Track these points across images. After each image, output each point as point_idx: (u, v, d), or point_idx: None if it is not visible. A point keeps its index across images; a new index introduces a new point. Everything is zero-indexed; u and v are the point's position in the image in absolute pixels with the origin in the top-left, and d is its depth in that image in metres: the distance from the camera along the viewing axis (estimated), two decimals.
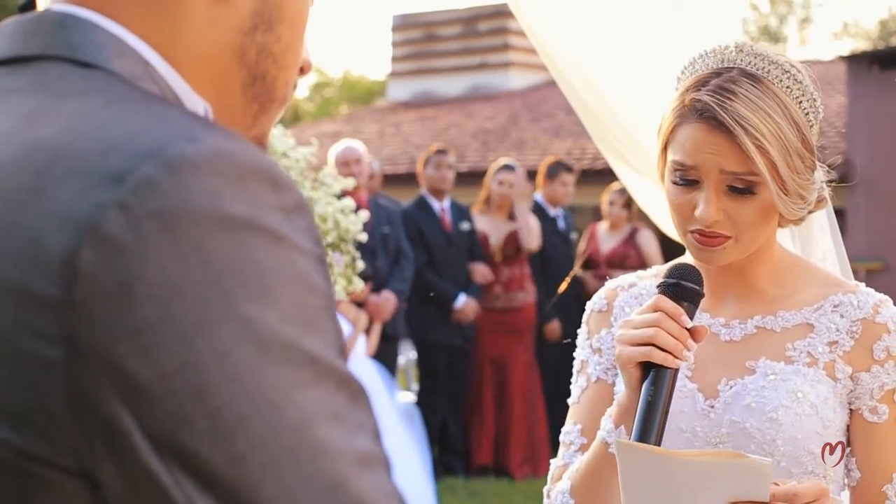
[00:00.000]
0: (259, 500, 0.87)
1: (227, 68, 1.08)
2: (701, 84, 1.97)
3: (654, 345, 1.85)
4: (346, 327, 7.27)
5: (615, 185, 9.63)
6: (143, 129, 0.92)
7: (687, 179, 1.97)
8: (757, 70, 1.97)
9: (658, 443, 1.83)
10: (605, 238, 9.61)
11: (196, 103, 1.06)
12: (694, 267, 1.94)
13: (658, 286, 1.94)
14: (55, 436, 0.89)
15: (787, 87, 1.97)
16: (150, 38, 1.03)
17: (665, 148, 2.02)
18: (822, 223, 2.41)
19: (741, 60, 1.99)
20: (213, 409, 0.86)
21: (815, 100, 2.01)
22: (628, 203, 9.49)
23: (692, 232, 1.99)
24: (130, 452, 0.87)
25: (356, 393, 0.94)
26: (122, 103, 0.96)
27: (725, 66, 1.99)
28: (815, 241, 2.39)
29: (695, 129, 1.95)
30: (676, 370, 1.87)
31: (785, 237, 2.29)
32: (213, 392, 0.86)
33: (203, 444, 0.86)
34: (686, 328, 1.87)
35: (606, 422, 1.97)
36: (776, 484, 1.82)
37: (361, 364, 7.31)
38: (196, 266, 0.87)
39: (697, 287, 1.91)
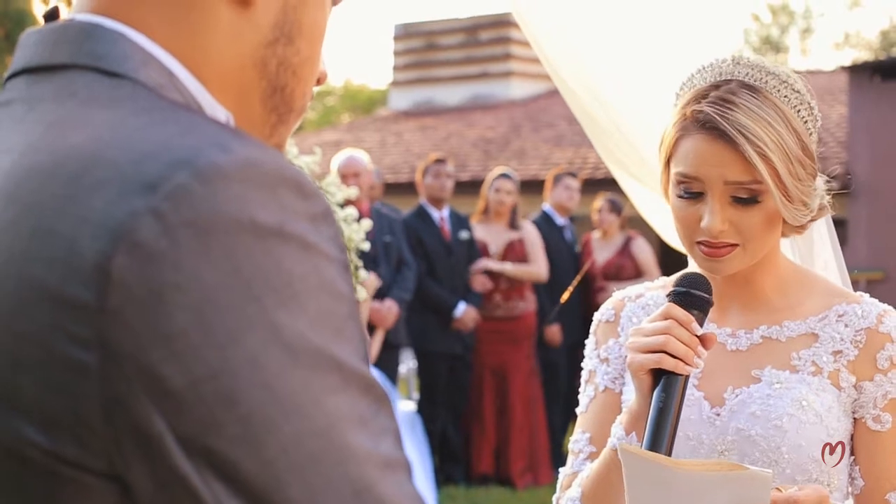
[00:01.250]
0: (287, 502, 0.89)
1: (249, 79, 1.10)
2: (701, 97, 1.99)
3: (665, 352, 1.87)
4: None
5: (603, 195, 9.67)
6: (175, 139, 0.93)
7: (691, 192, 1.99)
8: (755, 81, 1.99)
9: (670, 449, 1.84)
10: (600, 248, 9.62)
11: (218, 113, 1.08)
12: (703, 276, 1.97)
13: (668, 295, 1.96)
14: (87, 438, 0.90)
15: (785, 96, 1.99)
16: (173, 48, 1.05)
17: (668, 162, 2.04)
18: (822, 235, 2.42)
19: (738, 72, 2.01)
20: (244, 415, 0.88)
21: (812, 108, 2.03)
22: (616, 209, 9.53)
23: (699, 244, 2.00)
24: (162, 456, 0.89)
25: (380, 398, 0.96)
26: (151, 113, 0.98)
27: (723, 78, 2.01)
28: (816, 252, 2.41)
29: (697, 140, 1.97)
30: (687, 377, 1.89)
31: (785, 249, 2.31)
32: (244, 397, 0.88)
33: (234, 448, 0.88)
34: (696, 335, 1.89)
35: (617, 429, 1.99)
36: (778, 490, 1.83)
37: None
38: (228, 273, 0.89)
39: (707, 296, 1.93)
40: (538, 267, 8.94)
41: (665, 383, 1.87)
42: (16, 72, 1.06)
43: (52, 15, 1.12)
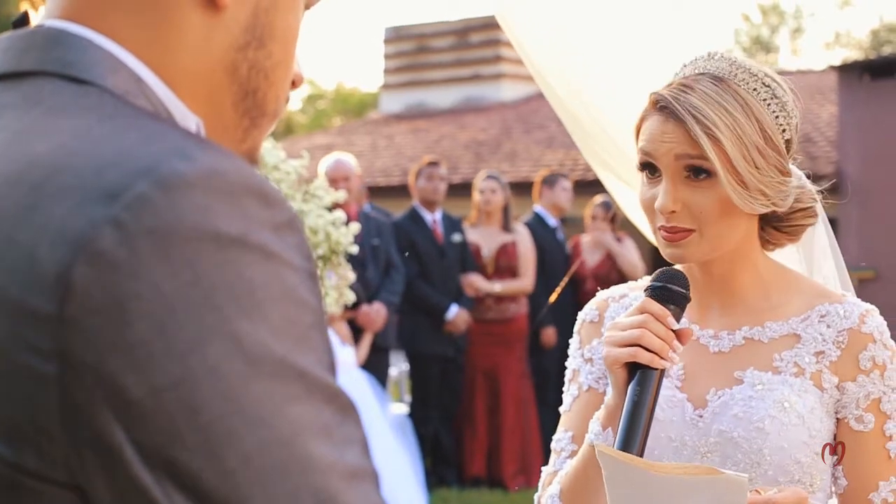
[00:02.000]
0: None
1: (219, 84, 1.10)
2: (667, 86, 2.04)
3: (640, 346, 1.88)
4: (337, 343, 7.26)
5: (598, 199, 9.68)
6: (137, 147, 0.93)
7: (649, 168, 2.03)
8: (722, 73, 2.02)
9: (644, 443, 1.85)
10: (590, 251, 9.64)
11: (188, 119, 1.07)
12: (680, 271, 1.98)
13: (645, 290, 1.97)
14: (47, 449, 0.89)
15: (754, 89, 2.01)
16: (142, 54, 1.05)
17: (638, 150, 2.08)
18: (824, 248, 2.43)
19: (710, 66, 2.04)
20: (204, 425, 0.87)
21: (784, 105, 2.04)
22: (612, 218, 9.55)
23: (659, 229, 2.02)
24: (122, 466, 0.88)
25: (345, 407, 0.95)
26: (116, 120, 0.97)
27: (697, 72, 2.04)
28: (818, 266, 2.41)
29: (653, 121, 2.02)
30: (662, 371, 1.90)
31: (792, 259, 2.31)
32: (205, 407, 0.87)
33: (194, 458, 0.88)
34: (672, 329, 1.90)
35: (594, 425, 2.00)
36: (757, 492, 1.84)
37: (352, 375, 7.31)
38: (188, 283, 0.88)
39: (683, 290, 1.94)
40: (526, 281, 8.96)
41: (640, 377, 1.88)
42: None
43: (21, 21, 1.11)
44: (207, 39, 1.07)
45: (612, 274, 9.25)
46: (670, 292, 1.93)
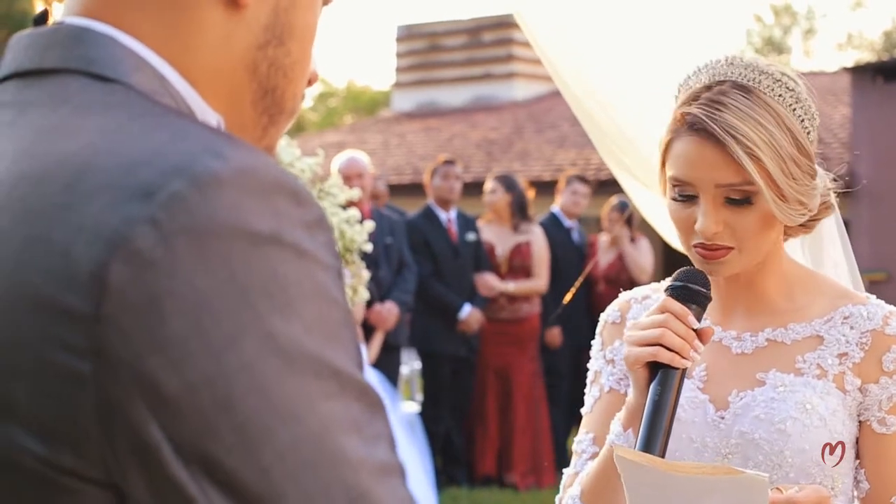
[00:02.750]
0: None
1: (240, 82, 1.10)
2: (692, 99, 1.98)
3: (661, 345, 1.87)
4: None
5: (613, 199, 9.67)
6: (169, 145, 0.93)
7: (685, 195, 1.98)
8: (747, 81, 1.98)
9: (665, 443, 1.84)
10: (604, 252, 9.63)
11: (209, 116, 1.08)
12: (701, 271, 1.96)
13: (666, 289, 1.96)
14: (83, 447, 0.90)
15: (780, 95, 1.98)
16: (164, 52, 1.05)
17: (664, 165, 2.04)
18: (832, 233, 2.41)
19: (732, 73, 2.00)
20: (241, 421, 0.88)
21: (809, 107, 2.02)
22: (628, 220, 9.53)
23: (695, 246, 2.00)
24: (158, 463, 0.88)
25: (374, 403, 0.96)
26: (145, 119, 0.97)
27: (717, 79, 2.00)
28: (826, 252, 2.39)
29: (686, 143, 1.96)
30: (684, 370, 1.88)
31: (795, 248, 2.30)
32: (240, 404, 0.88)
33: (230, 455, 0.88)
34: (693, 329, 1.89)
35: (615, 425, 1.99)
36: (778, 490, 1.83)
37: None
38: (223, 280, 0.89)
39: (704, 290, 1.93)
40: (539, 281, 8.96)
41: (661, 377, 1.87)
42: (5, 76, 1.05)
43: (41, 18, 1.11)
44: (228, 38, 1.08)
45: (623, 275, 9.24)
46: (690, 292, 1.92)
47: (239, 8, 1.07)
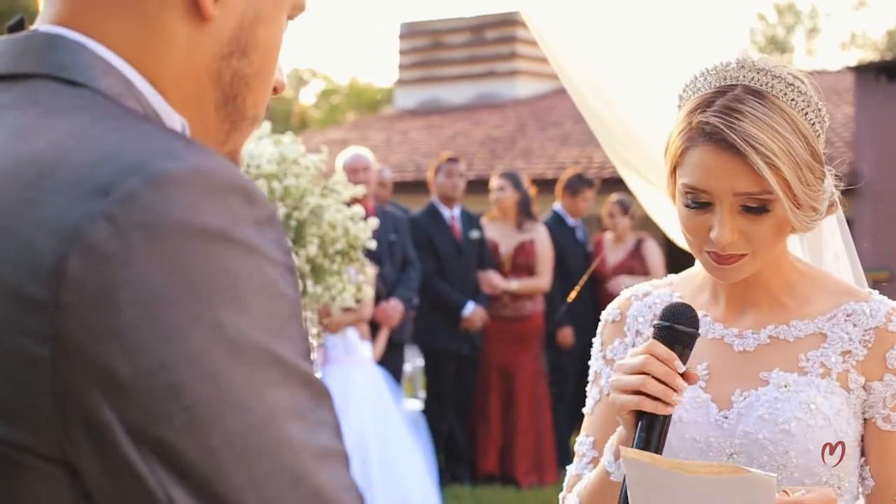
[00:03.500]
0: (228, 490, 0.95)
1: (203, 89, 1.18)
2: (706, 105, 1.95)
3: (643, 393, 1.86)
4: (355, 337, 7.27)
5: (613, 197, 9.67)
6: (128, 146, 1.00)
7: (699, 202, 1.97)
8: (761, 86, 1.96)
9: None
10: (612, 249, 9.63)
11: (174, 120, 1.15)
12: (689, 307, 1.92)
13: (653, 326, 1.92)
14: (40, 427, 0.96)
15: (792, 99, 1.96)
16: (133, 59, 1.13)
17: (674, 170, 2.02)
18: (832, 225, 2.40)
19: (743, 77, 1.98)
20: (189, 406, 0.94)
21: (819, 109, 2.01)
22: (625, 208, 9.53)
23: (708, 252, 1.99)
24: (110, 444, 0.95)
25: (319, 393, 1.02)
26: (108, 121, 1.04)
27: (728, 83, 1.98)
28: (826, 243, 2.39)
29: (704, 152, 1.94)
30: (668, 416, 1.87)
31: (793, 241, 2.30)
32: (189, 390, 0.94)
33: (179, 437, 0.94)
34: (679, 372, 1.87)
35: (608, 452, 1.99)
36: (785, 493, 1.83)
37: (367, 370, 7.31)
38: (175, 273, 0.95)
39: (691, 330, 1.89)
40: (543, 279, 8.95)
41: (644, 424, 1.86)
42: None
43: (16, 26, 1.18)
44: (194, 47, 1.15)
45: (633, 274, 9.23)
46: (676, 332, 1.88)
47: (205, 20, 1.15)
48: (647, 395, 1.85)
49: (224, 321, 0.96)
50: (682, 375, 1.87)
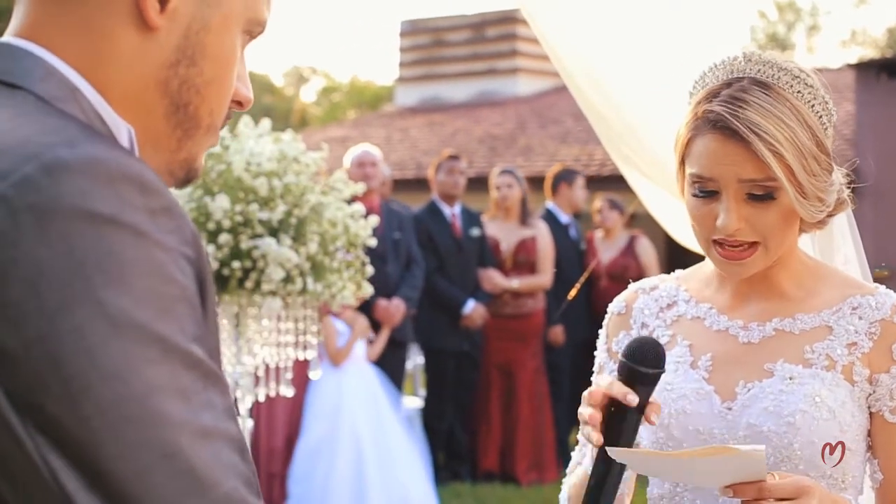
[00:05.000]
0: (100, 458, 1.01)
1: (151, 97, 1.24)
2: (713, 96, 1.98)
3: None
4: (342, 328, 7.27)
5: (599, 195, 9.69)
6: (34, 137, 1.08)
7: (706, 191, 1.99)
8: (767, 77, 1.98)
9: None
10: (604, 248, 9.63)
11: (120, 126, 1.21)
12: (655, 344, 1.89)
13: (619, 359, 1.90)
14: None
15: (799, 91, 1.99)
16: (81, 67, 1.20)
17: (682, 162, 2.04)
18: (843, 229, 2.42)
19: (750, 70, 2.00)
20: (66, 377, 1.00)
21: (826, 102, 2.03)
22: (617, 207, 9.54)
23: (716, 244, 2.00)
24: None
25: (207, 375, 1.08)
26: (27, 117, 1.12)
27: (735, 76, 2.00)
28: (837, 247, 2.40)
29: (709, 140, 1.96)
30: (636, 422, 1.86)
31: (806, 244, 2.31)
32: (67, 361, 1.00)
33: (55, 405, 1.01)
34: (633, 406, 1.84)
35: (587, 461, 2.00)
36: (772, 476, 1.83)
37: (361, 369, 7.31)
38: (62, 253, 1.02)
39: (650, 371, 1.86)
40: (544, 276, 8.95)
41: (600, 454, 1.86)
42: None
43: None
44: (140, 56, 1.22)
45: (628, 272, 9.24)
46: (636, 373, 1.86)
47: (150, 30, 1.21)
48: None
49: (105, 299, 1.02)
50: (644, 410, 1.86)
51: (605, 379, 1.90)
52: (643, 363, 1.86)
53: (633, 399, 1.84)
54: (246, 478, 1.08)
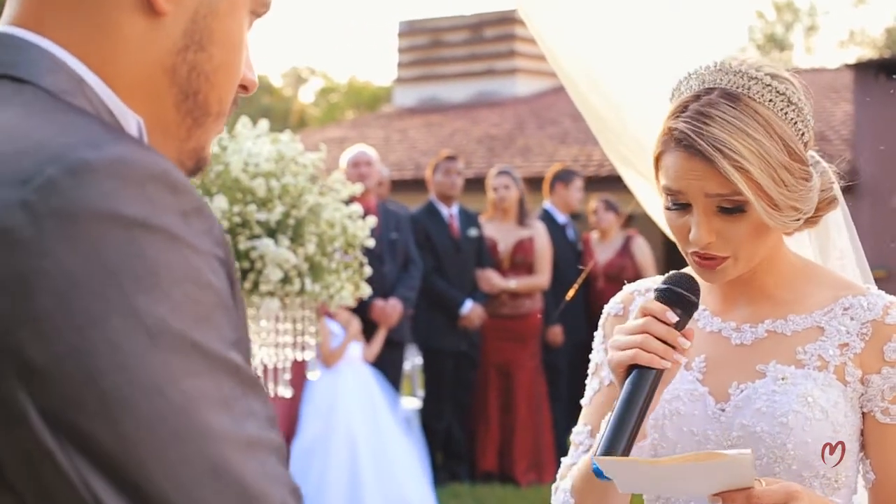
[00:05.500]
0: (143, 477, 0.95)
1: (159, 85, 1.18)
2: (680, 111, 1.98)
3: (641, 349, 1.88)
4: (337, 330, 7.27)
5: (595, 197, 9.70)
6: (53, 138, 1.01)
7: (679, 203, 2.00)
8: (737, 88, 1.97)
9: (630, 444, 1.84)
10: (600, 249, 9.64)
11: (129, 117, 1.15)
12: (691, 277, 1.98)
13: (655, 291, 1.98)
14: None
15: (770, 100, 1.97)
16: (85, 57, 1.13)
17: (657, 174, 2.05)
18: (839, 223, 2.42)
19: (720, 80, 1.99)
20: (102, 392, 0.94)
21: (802, 107, 2.01)
22: (612, 207, 9.56)
23: (692, 254, 2.02)
24: (27, 431, 0.95)
25: (248, 382, 1.02)
26: (42, 115, 1.06)
27: (706, 87, 1.99)
28: (833, 241, 2.40)
29: (676, 157, 1.97)
30: (661, 372, 1.89)
31: (802, 239, 2.31)
32: (102, 376, 0.94)
33: (93, 423, 0.95)
34: (672, 324, 1.90)
35: (603, 425, 1.99)
36: (759, 482, 1.83)
37: (357, 369, 7.32)
38: (91, 261, 0.95)
39: (687, 294, 1.94)
40: (541, 277, 8.96)
41: (634, 377, 1.88)
42: None
43: None
44: (147, 43, 1.16)
45: (624, 273, 9.25)
46: (674, 294, 1.94)
47: (157, 15, 1.15)
48: (643, 351, 1.88)
49: (140, 308, 0.96)
50: (681, 331, 1.91)
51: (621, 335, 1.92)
52: (681, 286, 1.94)
53: (671, 317, 1.89)
54: (292, 487, 1.03)
